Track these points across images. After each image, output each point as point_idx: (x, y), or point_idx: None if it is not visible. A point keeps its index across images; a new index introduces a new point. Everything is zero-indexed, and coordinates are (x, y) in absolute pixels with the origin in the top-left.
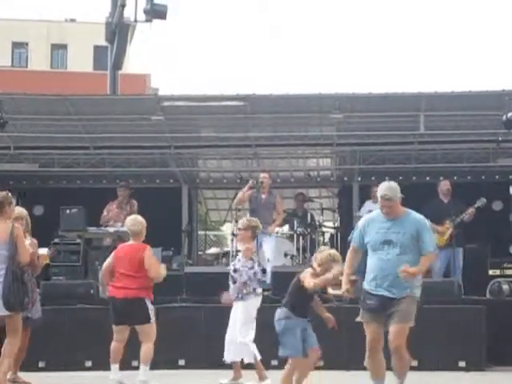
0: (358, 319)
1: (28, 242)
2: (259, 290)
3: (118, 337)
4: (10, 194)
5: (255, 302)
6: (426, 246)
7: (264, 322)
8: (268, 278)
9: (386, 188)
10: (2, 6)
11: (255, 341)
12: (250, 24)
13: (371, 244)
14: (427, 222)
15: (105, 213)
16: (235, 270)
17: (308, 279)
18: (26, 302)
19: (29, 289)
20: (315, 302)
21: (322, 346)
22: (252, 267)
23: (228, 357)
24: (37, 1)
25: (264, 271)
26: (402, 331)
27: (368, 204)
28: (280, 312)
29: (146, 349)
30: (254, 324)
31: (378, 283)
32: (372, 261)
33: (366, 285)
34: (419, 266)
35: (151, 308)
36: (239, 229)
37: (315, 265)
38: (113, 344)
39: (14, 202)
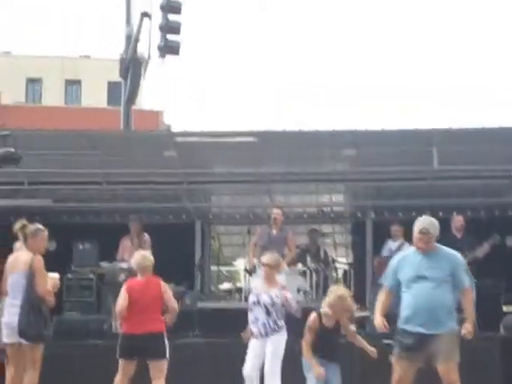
0: (392, 359)
1: None
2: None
3: (126, 371)
4: (39, 226)
5: (286, 338)
6: (462, 282)
7: None
8: None
9: (428, 223)
10: (17, 42)
11: None
12: (262, 60)
13: (405, 280)
14: (461, 257)
15: (120, 249)
16: (273, 305)
17: (304, 341)
18: (44, 333)
19: (48, 320)
20: (351, 337)
21: None
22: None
23: None
24: (51, 37)
25: None
26: (452, 368)
27: (389, 243)
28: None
29: None
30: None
31: (413, 321)
32: (406, 297)
33: (402, 323)
34: (469, 316)
35: (167, 344)
36: (269, 265)
37: (326, 307)
38: (118, 379)
39: (43, 234)
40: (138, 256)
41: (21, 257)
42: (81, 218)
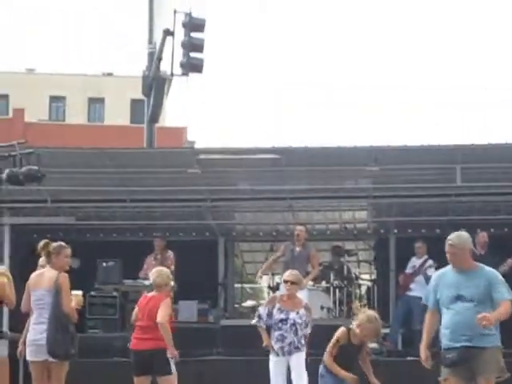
0: (441, 379)
1: None
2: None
3: None
4: (62, 243)
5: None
6: (501, 295)
7: None
8: None
9: (455, 235)
10: (41, 59)
11: None
12: (284, 76)
13: (443, 300)
14: (497, 273)
15: (145, 266)
16: (301, 324)
17: (328, 353)
18: (72, 351)
19: (75, 338)
20: (364, 360)
21: None
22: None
23: None
24: (74, 55)
25: None
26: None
27: (413, 260)
28: (320, 369)
29: None
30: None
31: (455, 337)
32: (446, 317)
33: (443, 341)
34: (497, 312)
35: (172, 359)
36: (292, 282)
37: (355, 324)
38: None
39: (67, 251)
40: (153, 272)
41: (45, 274)
42: (104, 236)
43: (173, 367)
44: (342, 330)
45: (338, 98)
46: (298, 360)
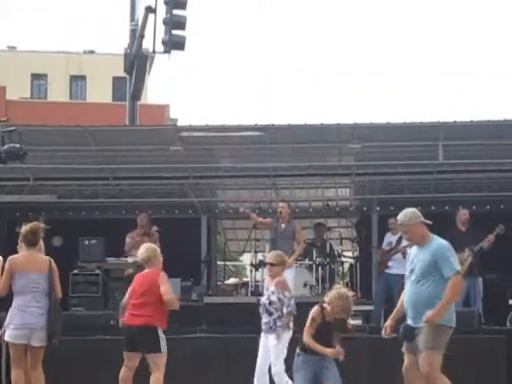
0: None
1: None
2: (292, 324)
3: (129, 363)
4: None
5: (290, 335)
6: (444, 272)
7: None
8: None
9: (400, 214)
10: (22, 37)
11: None
12: (266, 53)
13: (405, 276)
14: (446, 247)
15: (128, 239)
16: (271, 303)
17: (306, 332)
18: (61, 332)
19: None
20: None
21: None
22: (291, 297)
23: None
24: (55, 33)
25: None
26: (426, 359)
27: (388, 236)
28: (297, 349)
29: (155, 379)
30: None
31: (408, 314)
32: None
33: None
34: (440, 304)
35: (163, 337)
36: (272, 264)
37: (326, 301)
38: (122, 370)
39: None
40: (141, 249)
41: (35, 257)
42: (86, 214)
43: (163, 346)
44: (315, 308)
45: (323, 79)
46: (272, 342)
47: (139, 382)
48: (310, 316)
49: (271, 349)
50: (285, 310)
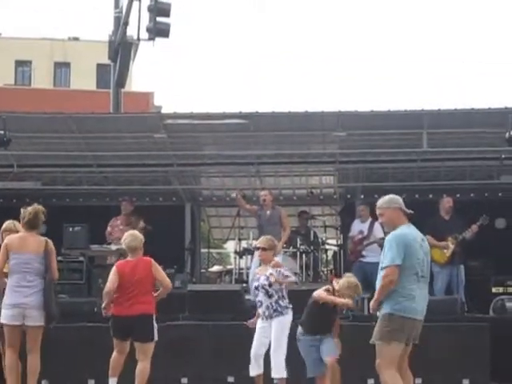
0: None
1: None
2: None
3: (120, 348)
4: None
5: (290, 318)
6: (383, 264)
7: None
8: None
9: (381, 198)
10: (6, 24)
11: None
12: (253, 41)
13: None
14: (393, 238)
15: (109, 229)
16: (270, 285)
17: (319, 291)
18: (59, 315)
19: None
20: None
21: None
22: (287, 274)
23: (253, 371)
24: (40, 19)
25: None
26: (377, 350)
27: (356, 223)
28: (297, 333)
29: (143, 369)
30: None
31: None
32: None
33: None
34: (375, 295)
35: (155, 326)
36: (264, 249)
37: (336, 286)
38: (113, 355)
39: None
40: (127, 236)
41: (29, 238)
42: (70, 201)
43: (156, 334)
44: (328, 287)
45: (308, 67)
46: (278, 325)
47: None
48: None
49: (275, 332)
50: (291, 279)
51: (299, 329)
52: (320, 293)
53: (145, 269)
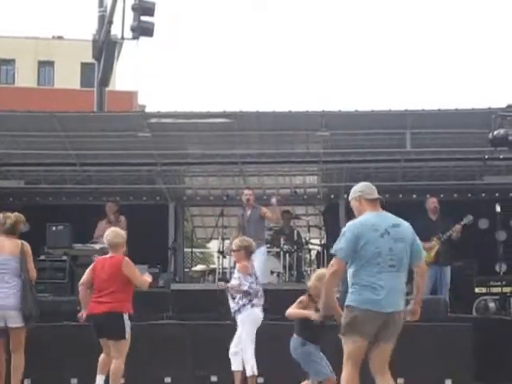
0: None
1: None
2: (257, 302)
3: (105, 349)
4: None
5: (253, 315)
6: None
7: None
8: None
9: None
10: None
11: None
12: (237, 39)
13: None
14: (343, 229)
15: (97, 232)
16: (231, 287)
17: (290, 308)
18: (38, 314)
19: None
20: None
21: None
22: (252, 282)
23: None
24: (24, 18)
25: None
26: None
27: None
28: (294, 341)
29: (117, 366)
30: (254, 337)
31: None
32: None
33: None
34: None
35: (128, 324)
36: (233, 250)
37: (309, 287)
38: (101, 355)
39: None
40: (108, 232)
41: (8, 241)
42: (54, 200)
43: (128, 332)
44: (303, 297)
45: (292, 67)
46: (240, 323)
47: None
48: (297, 300)
49: (239, 331)
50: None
51: (299, 339)
52: (290, 311)
53: (114, 267)
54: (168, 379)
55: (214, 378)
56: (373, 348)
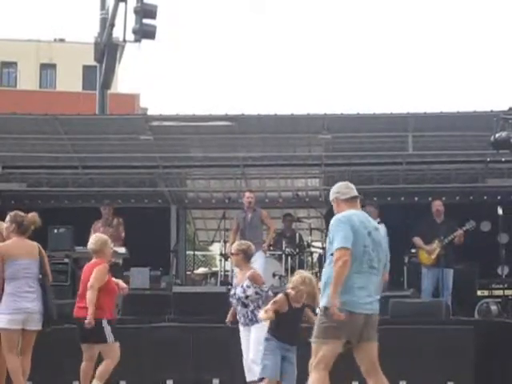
0: None
1: None
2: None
3: (86, 355)
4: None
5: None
6: (333, 246)
7: None
8: None
9: None
10: None
11: None
12: (238, 41)
13: None
14: (335, 221)
15: (92, 232)
16: (247, 297)
17: (265, 308)
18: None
19: None
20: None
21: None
22: (267, 290)
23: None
24: (26, 20)
25: None
26: (312, 349)
27: None
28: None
29: (105, 366)
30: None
31: None
32: None
33: None
34: (331, 288)
35: (108, 328)
36: (232, 254)
37: (290, 287)
38: (82, 364)
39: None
40: (90, 239)
41: (24, 243)
42: (56, 203)
43: (109, 336)
44: (280, 295)
45: (294, 70)
46: (255, 334)
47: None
48: (272, 300)
49: (253, 339)
50: (255, 304)
51: (268, 332)
52: (261, 314)
53: (90, 271)
54: (170, 382)
55: (215, 381)
56: (358, 351)
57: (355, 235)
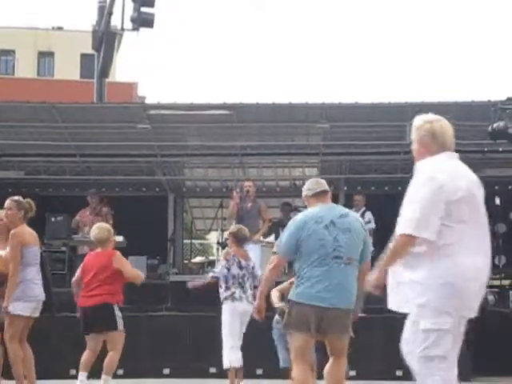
0: None
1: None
2: (239, 295)
3: (90, 345)
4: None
5: (229, 307)
6: None
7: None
8: None
9: None
10: None
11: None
12: (237, 33)
13: None
14: (290, 222)
15: (77, 217)
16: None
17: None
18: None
19: None
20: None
21: None
22: (227, 267)
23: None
24: (24, 8)
25: None
26: None
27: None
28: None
29: (110, 358)
30: (226, 329)
31: None
32: None
33: None
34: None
35: (119, 315)
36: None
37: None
38: (85, 352)
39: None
40: (94, 229)
41: (30, 231)
42: (53, 191)
43: (120, 324)
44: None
45: (293, 58)
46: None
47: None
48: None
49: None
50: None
51: (276, 316)
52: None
53: (104, 260)
54: (167, 370)
55: (212, 370)
56: (326, 342)
57: (306, 234)
